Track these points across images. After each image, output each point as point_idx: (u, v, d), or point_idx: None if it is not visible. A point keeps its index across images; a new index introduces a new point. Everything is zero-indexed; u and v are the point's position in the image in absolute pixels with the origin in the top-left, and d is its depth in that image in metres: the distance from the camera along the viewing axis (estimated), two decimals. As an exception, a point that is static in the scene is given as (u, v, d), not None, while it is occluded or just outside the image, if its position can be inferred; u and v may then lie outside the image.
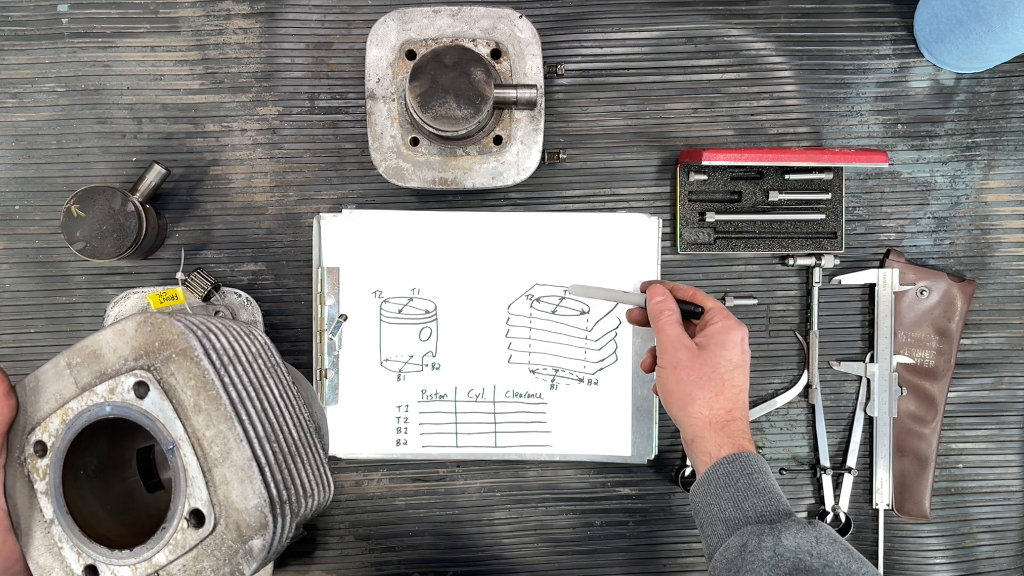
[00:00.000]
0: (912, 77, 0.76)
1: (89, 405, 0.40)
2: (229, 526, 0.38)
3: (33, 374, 0.42)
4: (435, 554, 0.76)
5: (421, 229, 0.73)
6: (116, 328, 0.41)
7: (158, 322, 0.40)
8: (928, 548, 0.77)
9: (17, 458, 0.41)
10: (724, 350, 0.61)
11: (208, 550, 0.39)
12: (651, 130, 0.75)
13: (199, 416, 0.39)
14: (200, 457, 0.39)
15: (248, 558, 0.38)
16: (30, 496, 0.41)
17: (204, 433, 0.39)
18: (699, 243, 0.75)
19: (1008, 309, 0.77)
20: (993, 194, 0.77)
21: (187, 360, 0.39)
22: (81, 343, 0.41)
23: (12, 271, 0.74)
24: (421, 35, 0.67)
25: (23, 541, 0.42)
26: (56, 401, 0.41)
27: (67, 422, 0.41)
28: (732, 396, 0.60)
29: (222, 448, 0.39)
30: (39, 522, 0.41)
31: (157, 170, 0.69)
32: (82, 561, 0.41)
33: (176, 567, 0.39)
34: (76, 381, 0.41)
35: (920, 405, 0.76)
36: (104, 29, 0.73)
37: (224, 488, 0.38)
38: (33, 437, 0.41)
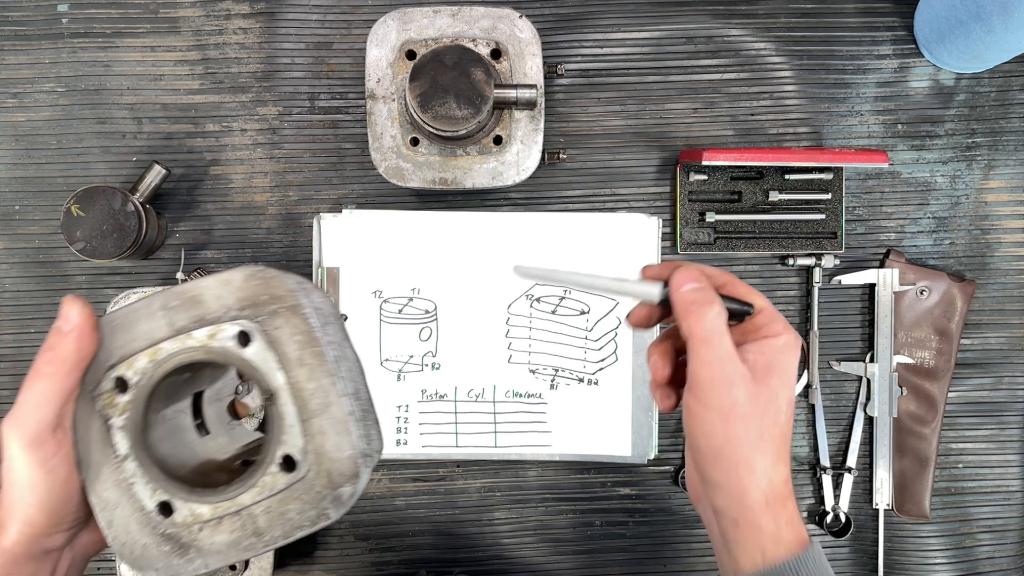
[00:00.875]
0: (912, 77, 0.76)
1: (185, 347, 0.41)
2: (320, 473, 0.41)
3: (118, 311, 0.42)
4: (435, 554, 0.76)
5: (421, 229, 0.73)
6: (222, 277, 0.42)
7: (269, 276, 0.41)
8: (928, 548, 0.77)
9: (90, 392, 0.42)
10: (785, 385, 0.44)
11: (296, 494, 0.41)
12: (651, 130, 0.75)
13: (302, 369, 0.41)
14: (299, 407, 0.41)
15: (337, 503, 0.41)
16: (101, 431, 0.42)
17: (305, 386, 0.41)
18: (699, 243, 0.75)
19: (1008, 309, 0.77)
20: (993, 194, 0.77)
21: (295, 316, 0.41)
22: (178, 288, 0.42)
23: (12, 271, 0.74)
24: (421, 35, 0.67)
25: (86, 475, 0.42)
26: (145, 340, 0.42)
27: (156, 361, 0.41)
28: (788, 455, 0.44)
29: (321, 401, 0.40)
30: (109, 457, 0.42)
31: (157, 170, 0.69)
32: (156, 498, 0.42)
33: (260, 508, 0.41)
34: (171, 323, 0.42)
35: (920, 405, 0.76)
36: (104, 29, 0.73)
37: (319, 438, 0.40)
38: (114, 373, 0.42)
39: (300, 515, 0.41)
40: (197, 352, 0.41)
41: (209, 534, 0.41)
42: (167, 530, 0.42)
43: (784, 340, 0.45)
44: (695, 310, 0.43)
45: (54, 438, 0.40)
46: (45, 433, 0.40)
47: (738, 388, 0.42)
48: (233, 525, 0.41)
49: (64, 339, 0.40)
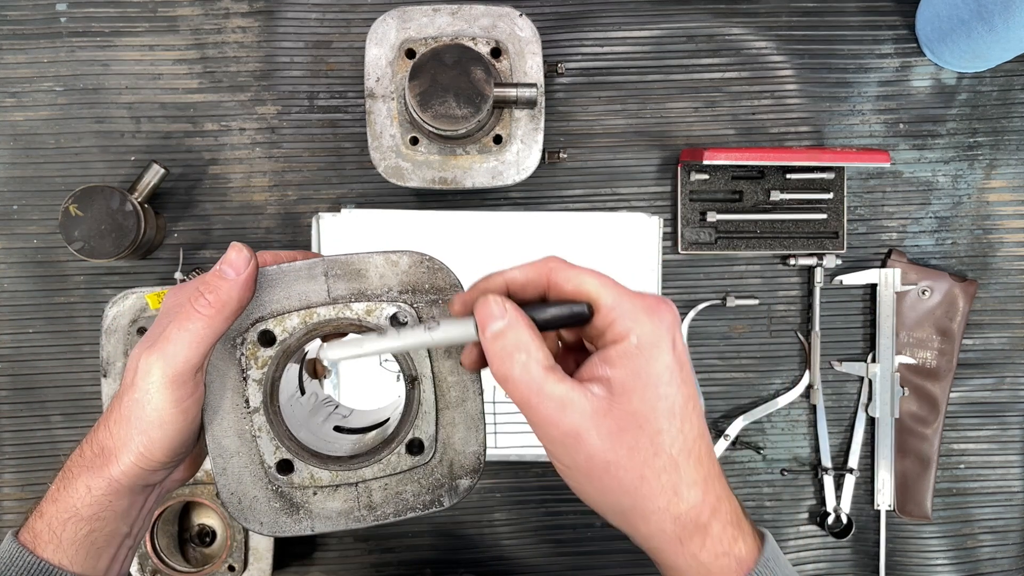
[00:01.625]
0: (914, 76, 0.76)
1: (340, 316, 0.42)
2: (443, 462, 0.43)
3: (278, 267, 0.43)
4: (435, 555, 0.76)
5: (421, 229, 0.73)
6: (389, 257, 0.43)
7: (435, 267, 0.44)
8: (930, 549, 0.77)
9: (231, 339, 0.42)
10: (656, 400, 0.35)
11: (416, 477, 0.43)
12: (652, 129, 0.75)
13: (448, 362, 0.43)
14: (438, 397, 0.43)
15: (452, 493, 0.43)
16: (236, 380, 0.42)
17: (447, 378, 0.43)
18: (700, 243, 0.75)
19: (1010, 309, 0.77)
20: (995, 194, 0.76)
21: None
22: (344, 257, 0.43)
23: (10, 271, 0.73)
24: (421, 34, 0.67)
25: (209, 419, 0.42)
26: (300, 301, 0.43)
27: (308, 324, 0.42)
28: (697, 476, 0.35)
29: (460, 395, 0.43)
30: (238, 407, 0.42)
31: (156, 169, 0.68)
32: (279, 455, 0.43)
33: (379, 484, 0.43)
34: (329, 290, 0.43)
35: (922, 405, 0.75)
36: (102, 28, 0.73)
37: (450, 429, 0.43)
38: (262, 326, 0.42)
39: (415, 497, 0.43)
40: (350, 323, 0.42)
41: (323, 499, 0.43)
42: (282, 488, 0.43)
43: (635, 338, 0.35)
44: (498, 364, 0.35)
45: (194, 379, 0.40)
46: (188, 373, 0.39)
47: (587, 438, 0.34)
48: (348, 495, 0.43)
49: (228, 284, 0.40)
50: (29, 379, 0.74)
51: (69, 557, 0.41)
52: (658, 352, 0.35)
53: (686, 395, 0.35)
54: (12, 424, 0.74)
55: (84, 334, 0.74)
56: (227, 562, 0.68)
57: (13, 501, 0.74)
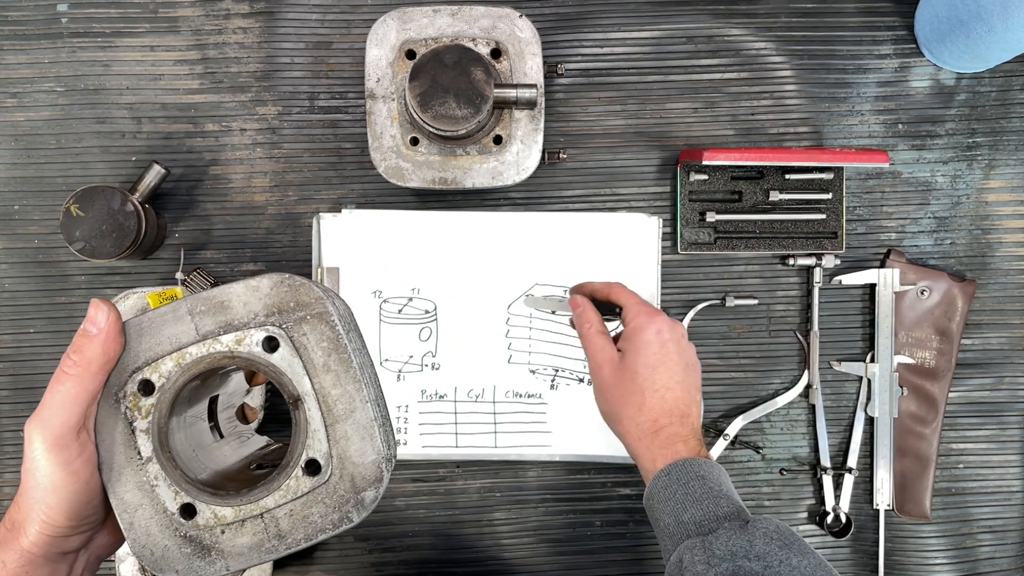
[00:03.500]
0: (913, 77, 0.76)
1: (212, 352, 0.42)
2: (344, 477, 0.42)
3: (143, 316, 0.43)
4: (435, 554, 0.76)
5: (421, 229, 0.73)
6: (249, 283, 0.43)
7: (296, 284, 0.43)
8: (929, 548, 0.77)
9: (113, 394, 0.42)
10: (639, 354, 0.58)
11: (319, 497, 0.42)
12: (651, 130, 0.75)
13: (327, 375, 0.42)
14: (324, 413, 0.42)
15: (359, 507, 0.42)
16: (124, 433, 0.42)
17: (331, 392, 0.42)
18: (699, 243, 0.75)
19: (1009, 309, 0.77)
20: (994, 194, 0.76)
21: (322, 323, 0.42)
22: (205, 293, 0.43)
23: (11, 271, 0.73)
24: (421, 34, 0.67)
25: (107, 477, 0.42)
26: (171, 344, 0.43)
27: (183, 365, 0.42)
28: (656, 404, 0.57)
29: (347, 407, 0.42)
30: (132, 460, 0.42)
31: (156, 170, 0.69)
32: (179, 500, 0.42)
33: (283, 511, 0.42)
34: (197, 328, 0.42)
35: (921, 405, 0.76)
36: (103, 29, 0.73)
37: (344, 443, 0.42)
38: (139, 376, 0.42)
39: (323, 518, 0.42)
40: (224, 357, 0.42)
41: (231, 536, 0.42)
42: (189, 532, 0.42)
43: (635, 323, 0.60)
44: (578, 324, 0.63)
45: (78, 440, 0.40)
46: (69, 435, 0.40)
47: (605, 368, 0.60)
48: (256, 528, 0.42)
49: (91, 342, 0.41)
50: (29, 379, 0.74)
51: None
52: (645, 337, 0.59)
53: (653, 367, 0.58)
54: (12, 424, 0.74)
55: (85, 334, 0.74)
56: (227, 561, 0.68)
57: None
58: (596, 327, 0.61)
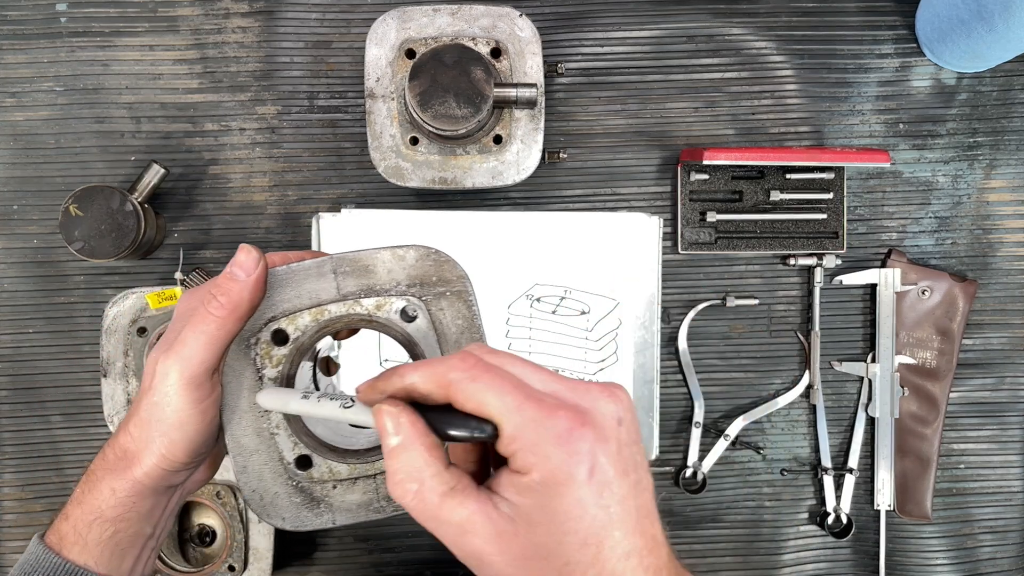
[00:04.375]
0: (914, 76, 0.76)
1: (351, 313, 0.43)
2: None
3: (288, 267, 0.43)
4: (434, 555, 0.76)
5: (421, 229, 0.73)
6: (396, 252, 0.44)
7: (441, 260, 0.44)
8: (930, 549, 0.77)
9: (246, 341, 0.43)
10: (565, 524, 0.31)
11: None
12: (652, 129, 0.75)
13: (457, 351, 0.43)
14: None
15: None
16: (252, 379, 0.43)
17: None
18: (700, 243, 0.75)
19: (1010, 309, 0.77)
20: (995, 194, 0.76)
21: (460, 301, 0.44)
22: (351, 254, 0.44)
23: (10, 271, 0.73)
24: (421, 34, 0.67)
25: (227, 419, 0.43)
26: (310, 299, 0.43)
27: (320, 321, 0.43)
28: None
29: None
30: (255, 406, 0.43)
31: (156, 169, 0.68)
32: (297, 451, 0.43)
33: None
34: (339, 287, 0.43)
35: (922, 405, 0.75)
36: (102, 28, 0.73)
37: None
38: (274, 325, 0.43)
39: None
40: (361, 319, 0.43)
41: (342, 492, 0.43)
42: (302, 483, 0.43)
43: (538, 475, 0.31)
44: (392, 487, 0.33)
45: (211, 380, 0.41)
46: (205, 375, 0.40)
47: (492, 560, 0.32)
48: (367, 487, 0.43)
49: (239, 286, 0.40)
50: (29, 379, 0.74)
51: (95, 558, 0.42)
52: (565, 488, 0.31)
53: (608, 516, 0.32)
54: (12, 424, 0.74)
55: (84, 334, 0.74)
56: (227, 562, 0.68)
57: (13, 501, 0.74)
58: (432, 487, 0.32)
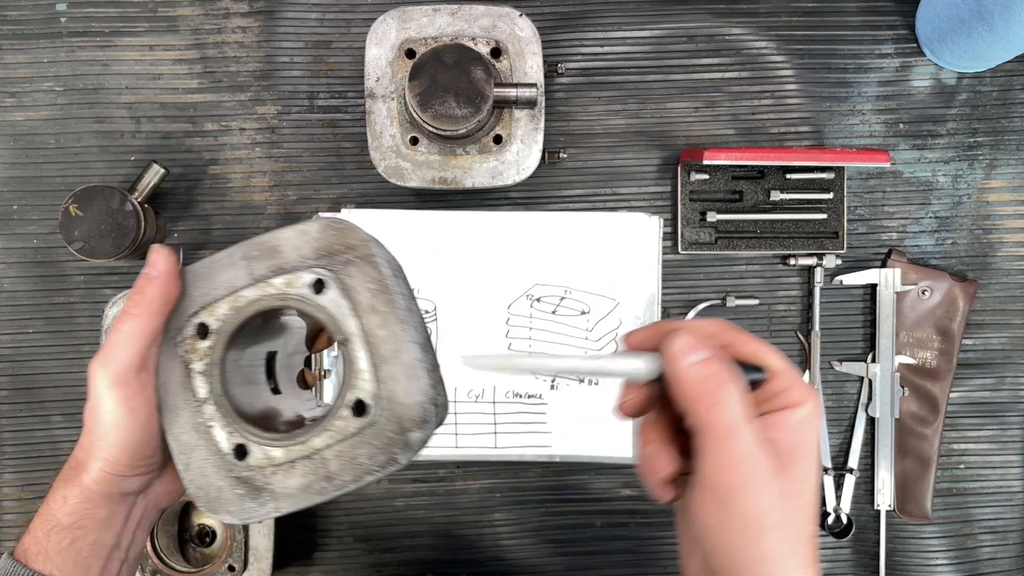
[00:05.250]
0: (914, 76, 0.76)
1: (264, 295, 0.43)
2: (391, 419, 0.41)
3: (199, 262, 0.44)
4: (435, 555, 0.76)
5: (421, 229, 0.73)
6: (298, 228, 0.43)
7: (343, 227, 0.43)
8: (930, 549, 0.77)
9: (172, 339, 0.44)
10: (813, 469, 0.37)
11: (367, 438, 0.41)
12: (652, 129, 0.75)
13: (374, 316, 0.42)
14: (371, 353, 0.41)
15: (406, 448, 0.41)
16: (182, 376, 0.43)
17: (377, 332, 0.42)
18: (700, 243, 0.75)
19: (1010, 309, 0.77)
20: (995, 194, 0.76)
21: (368, 265, 0.43)
22: (258, 238, 0.44)
23: (10, 271, 0.73)
24: (421, 34, 0.67)
25: (165, 419, 0.44)
26: (226, 288, 0.43)
27: (236, 308, 0.43)
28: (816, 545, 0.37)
29: (393, 348, 0.41)
30: (188, 402, 0.43)
31: (156, 169, 0.68)
32: (232, 440, 0.43)
33: (332, 452, 0.42)
34: (250, 272, 0.43)
35: (922, 405, 0.75)
36: (102, 28, 0.73)
37: (390, 384, 0.41)
38: (196, 319, 0.43)
39: (370, 460, 0.41)
40: (275, 299, 0.43)
41: (282, 477, 0.42)
42: (242, 473, 0.42)
43: (806, 410, 0.36)
44: (707, 394, 0.34)
45: (138, 378, 0.42)
46: (130, 372, 0.42)
47: (767, 491, 0.34)
48: (305, 469, 0.42)
49: (151, 283, 0.42)
50: (29, 379, 0.74)
51: (58, 567, 0.42)
52: (816, 427, 0.37)
53: (819, 477, 0.37)
54: (12, 424, 0.74)
55: (84, 334, 0.74)
56: (227, 562, 0.68)
57: (13, 501, 0.74)
58: (743, 397, 0.35)
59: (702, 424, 0.35)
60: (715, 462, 0.34)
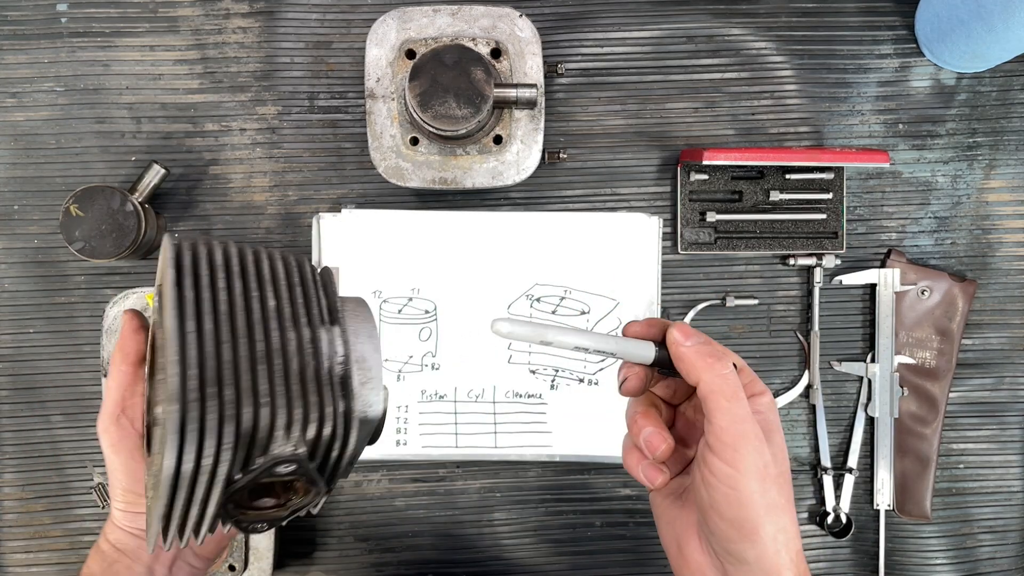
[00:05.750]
0: (913, 77, 0.76)
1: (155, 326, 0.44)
2: (165, 422, 0.35)
3: None
4: (435, 555, 0.76)
5: (421, 229, 0.73)
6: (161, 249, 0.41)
7: (163, 241, 0.41)
8: (929, 549, 0.77)
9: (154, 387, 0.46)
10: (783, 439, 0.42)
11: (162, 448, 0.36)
12: (652, 129, 0.75)
13: (165, 316, 0.37)
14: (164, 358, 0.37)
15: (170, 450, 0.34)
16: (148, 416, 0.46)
17: (166, 334, 0.37)
18: (700, 243, 0.75)
19: (1009, 309, 0.77)
20: (994, 194, 0.76)
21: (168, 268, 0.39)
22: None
23: (11, 271, 0.73)
24: (421, 34, 0.67)
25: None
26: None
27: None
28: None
29: (170, 345, 0.36)
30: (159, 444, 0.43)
31: (156, 170, 0.69)
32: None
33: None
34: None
35: (921, 405, 0.76)
36: (103, 28, 0.73)
37: (165, 384, 0.35)
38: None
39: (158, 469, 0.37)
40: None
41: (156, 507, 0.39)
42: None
43: (769, 397, 0.43)
44: (713, 364, 0.39)
45: (117, 425, 0.47)
46: (109, 421, 0.47)
47: (765, 446, 0.39)
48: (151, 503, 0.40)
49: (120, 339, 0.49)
50: (29, 379, 0.74)
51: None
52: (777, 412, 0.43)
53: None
54: (12, 424, 0.74)
55: (84, 334, 0.74)
56: (227, 562, 0.68)
57: (13, 501, 0.74)
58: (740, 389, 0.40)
59: (712, 387, 0.39)
60: (725, 418, 0.38)
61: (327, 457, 0.39)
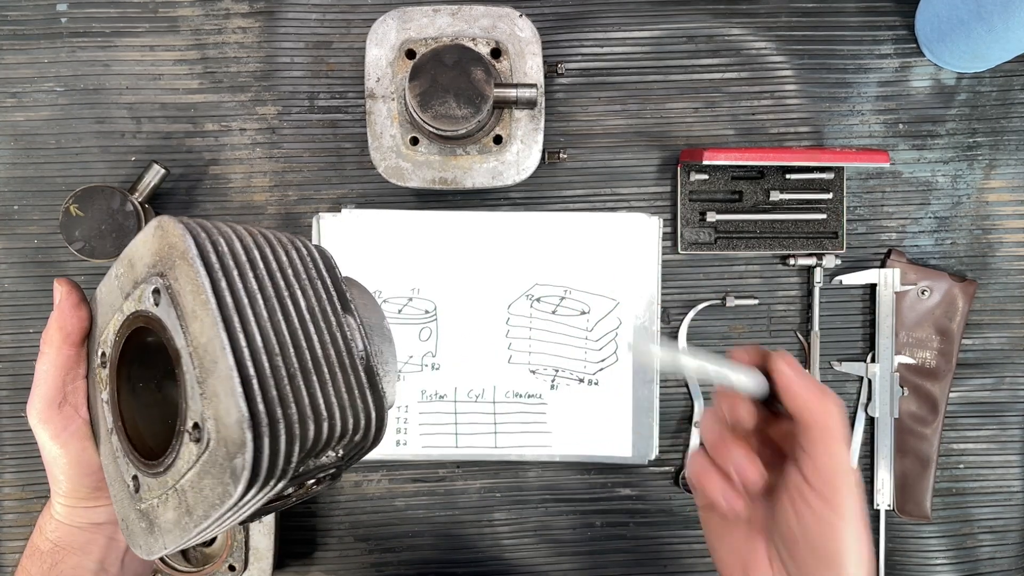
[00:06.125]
0: (913, 77, 0.76)
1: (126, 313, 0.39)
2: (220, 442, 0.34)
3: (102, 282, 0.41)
4: (435, 555, 0.76)
5: (421, 229, 0.73)
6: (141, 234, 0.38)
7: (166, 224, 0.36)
8: (929, 549, 0.77)
9: (92, 369, 0.43)
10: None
11: (207, 467, 0.35)
12: (652, 129, 0.75)
13: (196, 323, 0.35)
14: (197, 367, 0.35)
15: (233, 478, 0.33)
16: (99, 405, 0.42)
17: (200, 341, 0.35)
18: (700, 243, 0.75)
19: (1009, 309, 0.77)
20: (994, 194, 0.76)
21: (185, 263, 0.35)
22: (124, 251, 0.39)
23: (11, 271, 0.73)
24: (421, 34, 0.67)
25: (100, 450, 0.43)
26: (111, 311, 0.40)
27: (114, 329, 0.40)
28: None
29: (211, 357, 0.34)
30: (105, 431, 0.41)
31: (156, 170, 0.69)
32: (129, 472, 0.40)
33: (186, 482, 0.36)
34: (122, 290, 0.39)
35: (921, 405, 0.76)
36: (103, 28, 0.73)
37: (215, 401, 0.34)
38: (100, 348, 0.41)
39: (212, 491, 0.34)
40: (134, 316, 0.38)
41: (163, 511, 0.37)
42: (140, 505, 0.39)
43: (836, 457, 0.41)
44: (820, 401, 0.39)
45: (60, 413, 0.42)
46: (50, 409, 0.42)
47: (861, 491, 0.39)
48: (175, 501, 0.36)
49: (51, 318, 0.42)
50: (29, 379, 0.73)
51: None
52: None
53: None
54: (12, 424, 0.74)
55: (84, 334, 0.74)
56: (227, 562, 0.68)
57: (13, 501, 0.74)
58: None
59: (819, 426, 0.39)
60: (831, 459, 0.38)
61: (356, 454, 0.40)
